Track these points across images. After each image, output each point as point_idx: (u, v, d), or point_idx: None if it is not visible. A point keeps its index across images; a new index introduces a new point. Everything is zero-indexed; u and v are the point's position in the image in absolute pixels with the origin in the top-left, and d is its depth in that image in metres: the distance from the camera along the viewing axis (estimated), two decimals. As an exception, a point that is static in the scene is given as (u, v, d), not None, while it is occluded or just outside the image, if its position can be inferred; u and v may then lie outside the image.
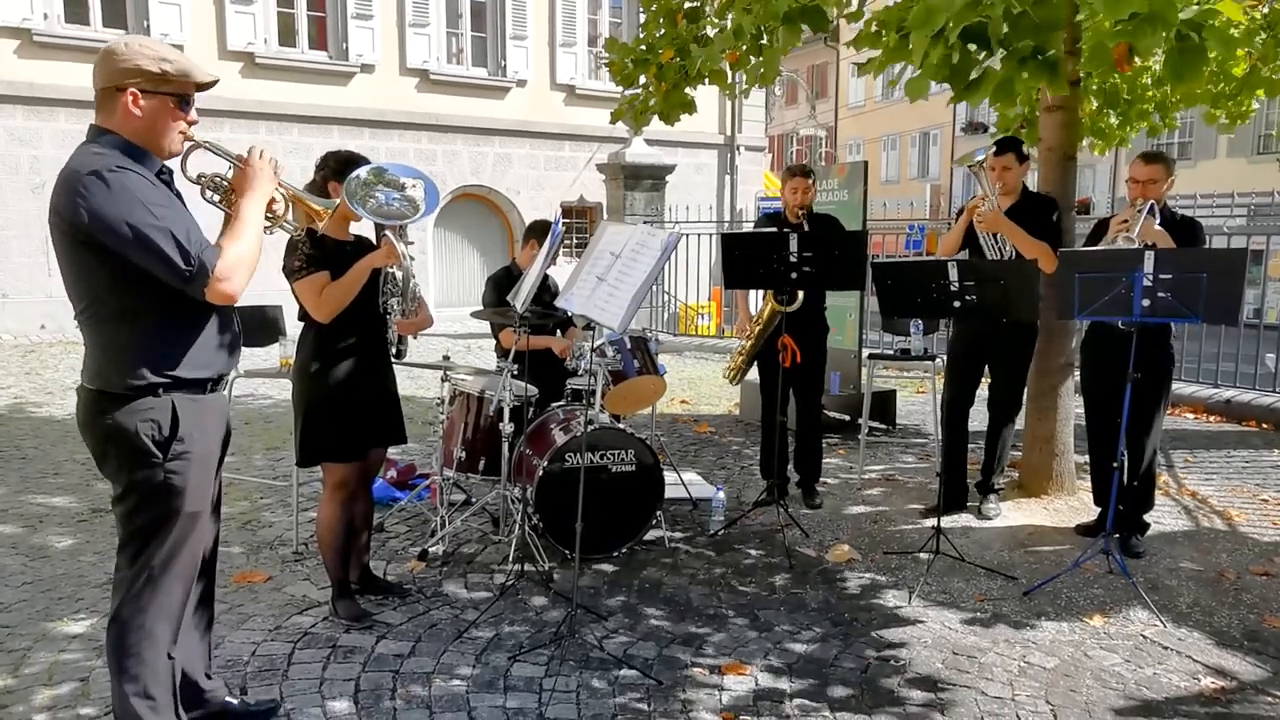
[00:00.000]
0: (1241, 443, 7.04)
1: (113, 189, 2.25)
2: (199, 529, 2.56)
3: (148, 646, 2.48)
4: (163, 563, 2.47)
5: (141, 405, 2.39)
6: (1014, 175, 4.81)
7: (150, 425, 2.40)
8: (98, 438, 2.44)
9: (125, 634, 2.47)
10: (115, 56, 2.36)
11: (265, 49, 14.49)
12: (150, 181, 2.36)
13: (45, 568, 4.24)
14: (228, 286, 2.35)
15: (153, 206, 2.29)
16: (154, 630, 2.48)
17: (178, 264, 2.28)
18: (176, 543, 2.49)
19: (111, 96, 2.37)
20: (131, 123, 2.38)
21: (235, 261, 2.37)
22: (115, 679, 2.49)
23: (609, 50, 6.94)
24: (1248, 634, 3.71)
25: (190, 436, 2.45)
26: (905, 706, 3.13)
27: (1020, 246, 4.68)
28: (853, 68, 41.18)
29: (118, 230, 2.25)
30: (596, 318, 3.16)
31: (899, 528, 5.01)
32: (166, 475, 2.43)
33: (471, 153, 16.51)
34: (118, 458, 2.42)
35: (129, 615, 2.47)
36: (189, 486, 2.47)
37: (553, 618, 3.77)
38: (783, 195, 5.25)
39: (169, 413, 2.42)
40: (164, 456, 2.41)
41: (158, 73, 2.36)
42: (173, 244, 2.27)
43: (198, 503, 2.51)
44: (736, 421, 7.77)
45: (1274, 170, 8.54)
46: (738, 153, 19.39)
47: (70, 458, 6.22)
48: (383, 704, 3.08)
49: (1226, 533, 4.94)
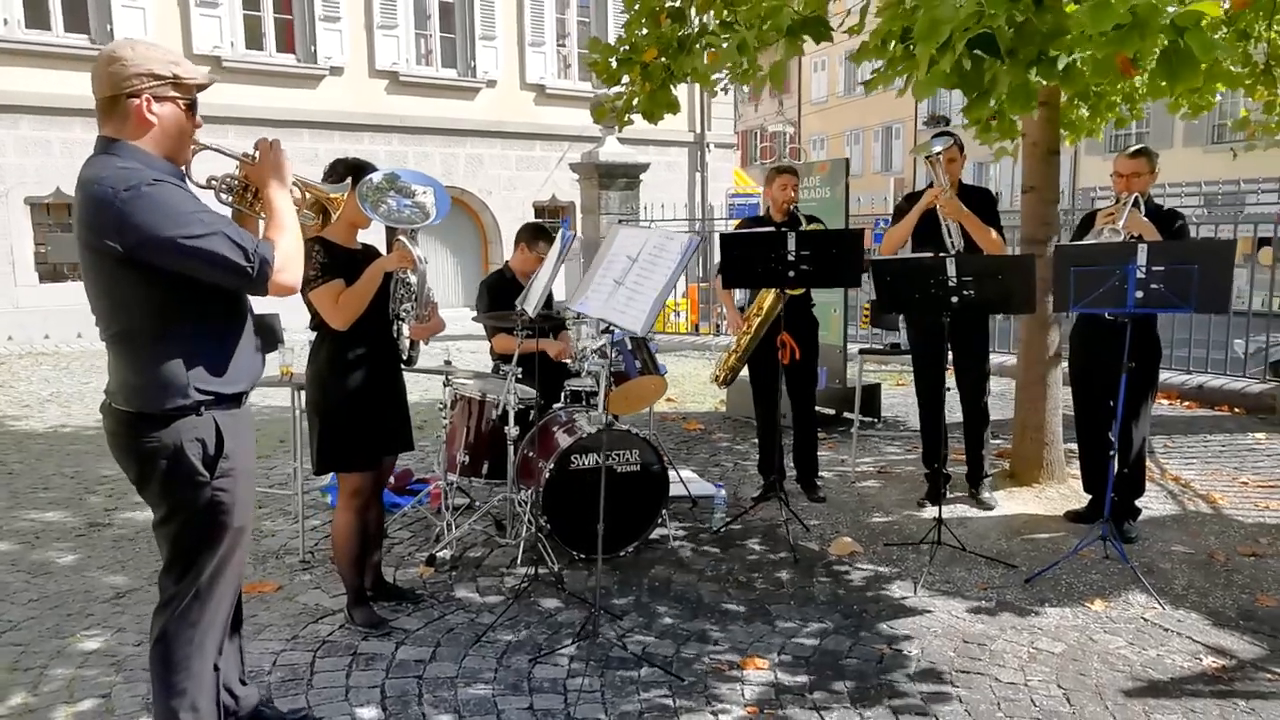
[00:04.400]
0: (1216, 427, 7.23)
1: (156, 204, 2.16)
2: (244, 542, 2.57)
3: (197, 660, 2.48)
4: (210, 578, 2.47)
5: (185, 425, 2.34)
6: (958, 167, 5.02)
7: (196, 445, 2.35)
8: (139, 461, 2.38)
9: (173, 649, 2.47)
10: (122, 62, 2.25)
11: (232, 52, 14.33)
12: (185, 189, 2.29)
13: (50, 584, 4.20)
14: (287, 277, 2.32)
15: (198, 214, 2.21)
16: (203, 644, 2.49)
17: (240, 264, 2.23)
18: (224, 558, 2.48)
19: (120, 104, 2.26)
20: (144, 130, 2.28)
21: (290, 250, 2.35)
22: (161, 694, 2.49)
23: (591, 49, 6.95)
24: (1242, 613, 3.83)
25: (234, 452, 2.43)
26: (922, 696, 3.21)
27: (975, 233, 4.90)
28: (815, 63, 41.19)
29: (167, 247, 2.17)
30: (617, 321, 3.20)
31: (896, 519, 5.10)
32: (214, 493, 2.40)
33: (443, 154, 16.43)
34: (163, 480, 2.37)
35: (177, 630, 2.46)
36: (237, 502, 2.46)
37: (567, 619, 3.80)
38: (769, 193, 5.30)
39: (213, 430, 2.38)
40: (211, 475, 2.39)
41: (169, 76, 2.29)
42: (231, 246, 2.22)
43: (244, 517, 2.51)
44: (724, 418, 7.83)
45: (1227, 160, 8.85)
46: (708, 150, 19.47)
47: (58, 471, 6.14)
48: (410, 710, 3.10)
49: (1212, 515, 5.08)
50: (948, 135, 4.93)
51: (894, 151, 38.35)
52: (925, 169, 5.02)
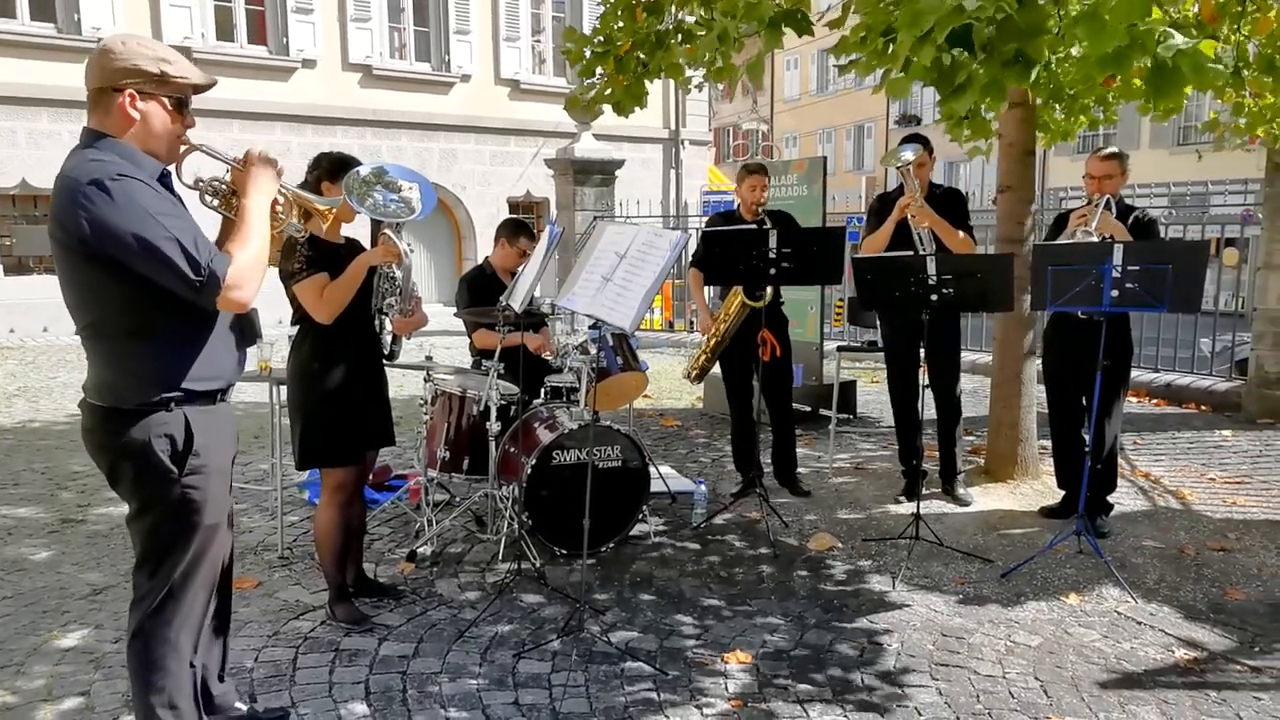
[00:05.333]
0: (1184, 424, 7.36)
1: (116, 199, 2.16)
2: (219, 540, 2.54)
3: (172, 658, 2.46)
4: (184, 575, 2.45)
5: (155, 421, 2.33)
6: (926, 171, 5.06)
7: (164, 441, 2.34)
8: (109, 456, 2.38)
9: (150, 647, 2.44)
10: (111, 55, 2.26)
11: (202, 43, 14.15)
12: (153, 188, 2.26)
13: (24, 581, 4.14)
14: (239, 295, 2.27)
15: (159, 216, 2.19)
16: (178, 642, 2.47)
17: (188, 274, 2.19)
18: (197, 555, 2.46)
19: (107, 97, 2.28)
20: (127, 125, 2.29)
21: (246, 267, 2.28)
22: (140, 692, 2.47)
23: (566, 39, 6.94)
24: (1213, 606, 3.91)
25: (206, 449, 2.41)
26: (903, 687, 3.25)
27: (946, 239, 4.95)
28: (788, 60, 41.29)
29: (123, 242, 2.17)
30: (605, 317, 3.21)
31: (873, 514, 5.15)
32: (184, 490, 2.38)
33: (416, 148, 16.33)
34: (133, 475, 2.36)
35: (152, 628, 2.44)
36: (208, 500, 2.43)
37: (549, 614, 3.80)
38: (739, 193, 5.29)
39: (183, 426, 2.36)
40: (180, 471, 2.37)
41: (156, 73, 2.28)
42: (181, 254, 2.18)
43: (216, 515, 2.48)
44: (701, 415, 7.87)
45: (1193, 161, 9.02)
46: (683, 147, 19.50)
47: (28, 467, 6.05)
48: (395, 706, 3.10)
49: (1181, 511, 5.18)
50: (917, 141, 4.97)
51: (865, 150, 38.61)
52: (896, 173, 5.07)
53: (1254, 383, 7.57)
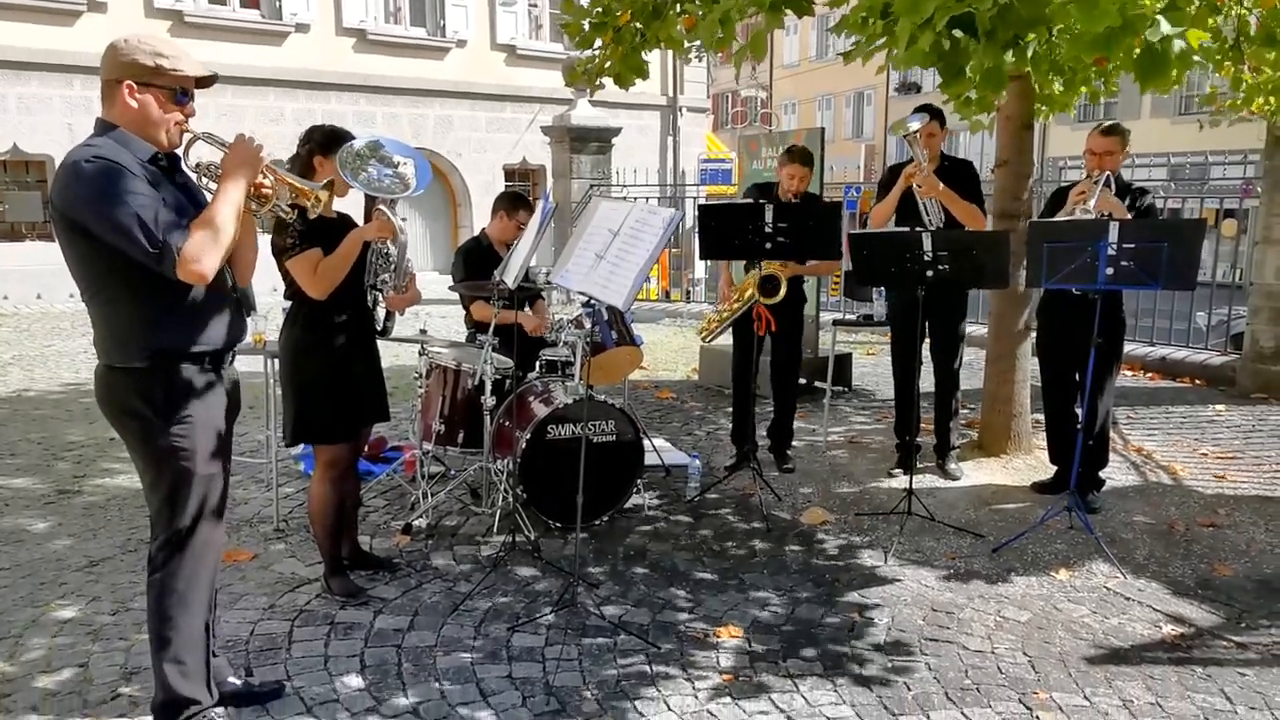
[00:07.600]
0: (1178, 398, 7.39)
1: (83, 178, 2.40)
2: (217, 492, 2.69)
3: (181, 612, 2.64)
4: (189, 526, 2.63)
5: (139, 377, 2.55)
6: (937, 141, 5.02)
7: (149, 394, 2.55)
8: (112, 415, 2.62)
9: (159, 599, 2.64)
10: (115, 52, 2.52)
11: (194, 7, 13.98)
12: (130, 170, 2.43)
13: (21, 552, 4.16)
14: (197, 267, 2.43)
15: (123, 193, 2.39)
16: (187, 596, 2.65)
17: (144, 245, 2.39)
18: (199, 504, 2.64)
19: (113, 89, 2.53)
20: (128, 114, 2.53)
21: (202, 242, 2.45)
22: (153, 646, 2.68)
23: (564, 10, 6.87)
24: (1200, 583, 3.95)
25: (190, 403, 2.59)
26: (893, 662, 3.29)
27: (954, 209, 4.91)
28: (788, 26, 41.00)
29: (90, 216, 2.40)
30: (598, 295, 3.20)
31: (867, 488, 5.18)
32: (173, 439, 2.57)
33: (411, 115, 16.20)
34: (132, 433, 2.59)
35: (162, 580, 2.64)
36: (197, 448, 2.60)
37: (543, 587, 3.83)
38: (779, 172, 5.21)
39: (169, 383, 2.56)
40: (167, 424, 2.56)
41: (151, 67, 2.51)
42: (138, 226, 2.38)
43: (209, 465, 2.64)
44: (697, 387, 7.88)
45: (1195, 131, 8.94)
46: (680, 114, 19.36)
47: (24, 437, 6.06)
48: (390, 679, 3.13)
49: (1173, 486, 5.22)
50: (926, 111, 4.93)
51: (865, 118, 38.35)
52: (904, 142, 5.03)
53: (1248, 357, 7.59)
